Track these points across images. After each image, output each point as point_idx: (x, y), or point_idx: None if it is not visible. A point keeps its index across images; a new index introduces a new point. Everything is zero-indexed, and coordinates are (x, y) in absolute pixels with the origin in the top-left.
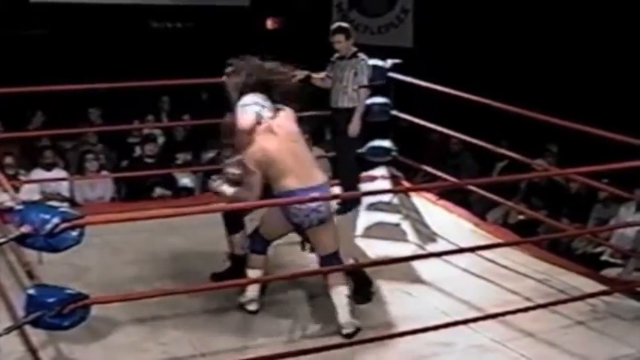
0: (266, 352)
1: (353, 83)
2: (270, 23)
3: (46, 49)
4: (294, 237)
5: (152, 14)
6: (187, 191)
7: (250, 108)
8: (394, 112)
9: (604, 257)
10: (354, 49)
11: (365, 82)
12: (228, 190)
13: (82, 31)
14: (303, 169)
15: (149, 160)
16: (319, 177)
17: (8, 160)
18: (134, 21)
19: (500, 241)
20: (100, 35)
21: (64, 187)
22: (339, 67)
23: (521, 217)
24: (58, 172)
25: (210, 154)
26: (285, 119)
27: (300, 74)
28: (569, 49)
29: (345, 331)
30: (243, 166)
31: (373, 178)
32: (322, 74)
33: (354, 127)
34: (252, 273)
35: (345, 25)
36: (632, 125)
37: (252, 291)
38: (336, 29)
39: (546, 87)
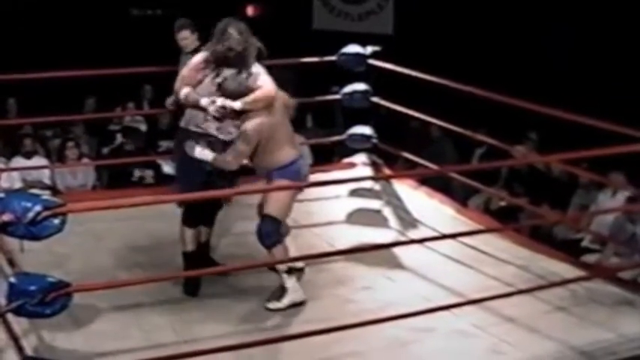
0: (248, 338)
1: None
2: (250, 10)
3: (26, 35)
4: None
5: (132, 1)
6: (171, 179)
7: (268, 77)
8: (374, 99)
9: (584, 243)
10: (197, 43)
11: None
12: (209, 155)
13: (61, 18)
14: (294, 137)
15: (130, 148)
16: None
17: None
18: (114, 8)
19: (481, 227)
20: (79, 22)
21: (45, 175)
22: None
23: (502, 203)
24: (39, 160)
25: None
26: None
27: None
28: (546, 36)
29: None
30: (242, 135)
31: (353, 165)
32: None
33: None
34: (284, 265)
35: (187, 20)
36: (611, 111)
37: (293, 286)
38: (182, 25)
39: (525, 74)
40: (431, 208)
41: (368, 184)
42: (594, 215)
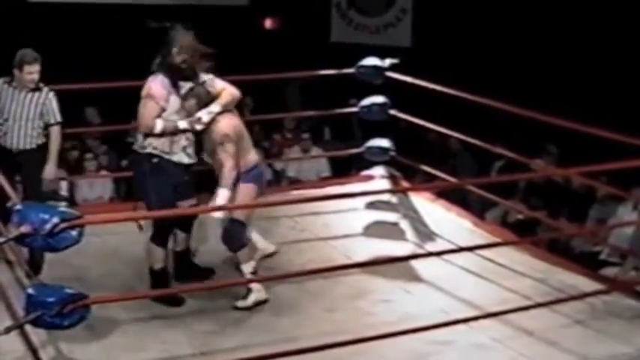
0: (266, 350)
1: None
2: (268, 23)
3: (44, 48)
4: (292, 236)
5: (149, 13)
6: None
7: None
8: (392, 112)
9: (602, 256)
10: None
11: (59, 118)
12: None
13: (79, 31)
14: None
15: None
16: None
17: None
18: (131, 20)
19: (498, 240)
20: (97, 35)
21: (62, 187)
22: (17, 101)
23: (519, 216)
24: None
25: None
26: None
27: None
28: (567, 49)
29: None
30: (225, 138)
31: (371, 178)
32: None
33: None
34: (249, 266)
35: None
36: (630, 124)
37: (256, 286)
38: (35, 57)
39: (545, 86)
40: (448, 221)
41: (385, 196)
42: (612, 228)
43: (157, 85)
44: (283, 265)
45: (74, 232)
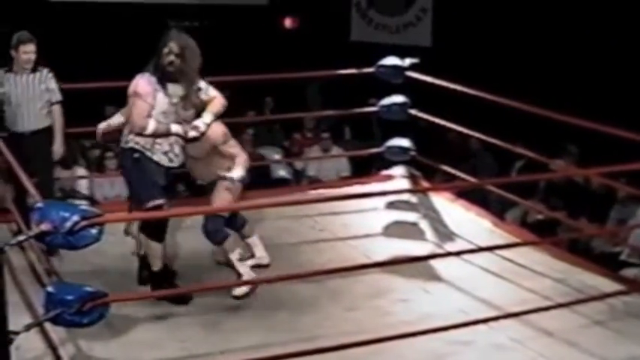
0: (284, 349)
1: (44, 100)
2: (288, 22)
3: (65, 47)
4: (312, 236)
5: (170, 13)
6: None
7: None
8: (412, 112)
9: (622, 257)
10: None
11: (59, 96)
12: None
13: (100, 30)
14: None
15: None
16: None
17: None
18: (152, 20)
19: (518, 240)
20: (117, 34)
21: (83, 186)
22: (20, 84)
23: (539, 216)
24: (78, 170)
25: None
26: None
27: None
28: (586, 48)
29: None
30: (228, 138)
31: (391, 178)
32: None
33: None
34: (236, 254)
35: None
36: None
37: (247, 272)
38: (30, 38)
39: (565, 86)
40: (468, 221)
41: (405, 196)
42: (633, 229)
43: (143, 82)
44: (303, 264)
45: (94, 231)
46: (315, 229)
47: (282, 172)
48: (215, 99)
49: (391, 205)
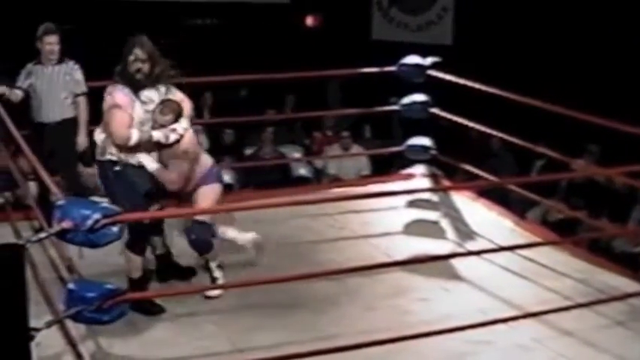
0: (303, 348)
1: (70, 91)
2: (309, 21)
3: (77, 43)
4: (332, 234)
5: (186, 11)
6: (226, 187)
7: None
8: (434, 110)
9: None
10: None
11: (84, 88)
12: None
13: (117, 28)
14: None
15: None
16: None
17: None
18: (168, 18)
19: (539, 240)
20: (135, 32)
21: None
22: (46, 75)
23: (560, 216)
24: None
25: (250, 150)
26: None
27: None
28: (608, 48)
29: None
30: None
31: (412, 176)
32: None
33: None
34: (217, 262)
35: (54, 25)
36: None
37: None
38: (54, 29)
39: (587, 85)
40: (489, 220)
41: (426, 195)
42: None
43: (119, 94)
44: (323, 262)
45: (115, 229)
46: (334, 228)
47: (302, 171)
48: (184, 102)
49: (412, 204)
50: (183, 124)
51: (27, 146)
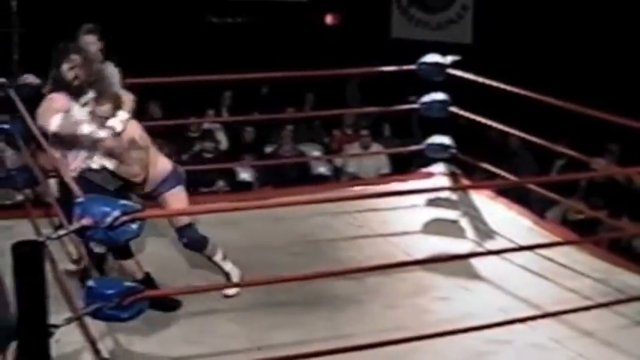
0: (322, 346)
1: None
2: (329, 19)
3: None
4: (351, 233)
5: (211, 9)
6: (246, 185)
7: None
8: (453, 109)
9: None
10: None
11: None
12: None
13: (141, 26)
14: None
15: (208, 155)
16: None
17: None
18: (193, 16)
19: (558, 239)
20: (158, 30)
21: None
22: None
23: (580, 215)
24: None
25: (270, 148)
26: None
27: None
28: (629, 46)
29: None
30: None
31: (431, 175)
32: None
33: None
34: (220, 255)
35: (94, 25)
36: None
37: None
38: (89, 29)
39: (607, 85)
40: (508, 220)
41: (445, 194)
42: None
43: (57, 99)
44: (342, 260)
45: (134, 226)
46: (354, 226)
47: (321, 169)
48: (125, 96)
49: (431, 203)
50: (123, 117)
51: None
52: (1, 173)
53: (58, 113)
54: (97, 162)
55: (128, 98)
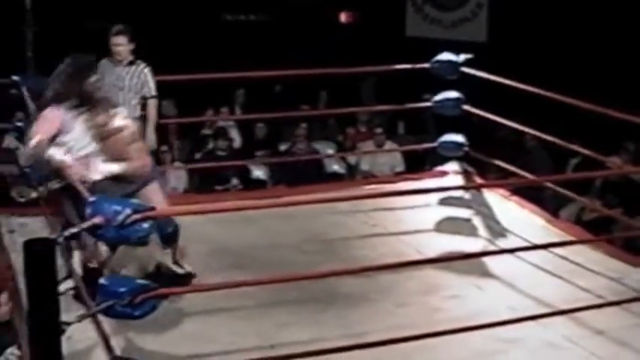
0: (334, 344)
1: (137, 93)
2: (343, 17)
3: None
4: (364, 231)
5: (225, 7)
6: (260, 183)
7: None
8: (467, 107)
9: None
10: (132, 56)
11: (154, 92)
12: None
13: (156, 24)
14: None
15: (222, 153)
16: None
17: None
18: (207, 14)
19: (572, 238)
20: (173, 28)
21: None
22: (115, 73)
23: (595, 214)
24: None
25: (284, 146)
26: None
27: None
28: None
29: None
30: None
31: (445, 173)
32: None
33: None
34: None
35: (125, 26)
36: None
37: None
38: (118, 30)
39: (623, 83)
40: (522, 218)
41: (459, 192)
42: None
43: (52, 119)
44: (355, 258)
45: (146, 224)
46: (367, 224)
47: (335, 167)
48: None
49: (444, 201)
50: (112, 169)
51: None
52: (15, 170)
53: (40, 135)
54: (102, 170)
55: (152, 102)
